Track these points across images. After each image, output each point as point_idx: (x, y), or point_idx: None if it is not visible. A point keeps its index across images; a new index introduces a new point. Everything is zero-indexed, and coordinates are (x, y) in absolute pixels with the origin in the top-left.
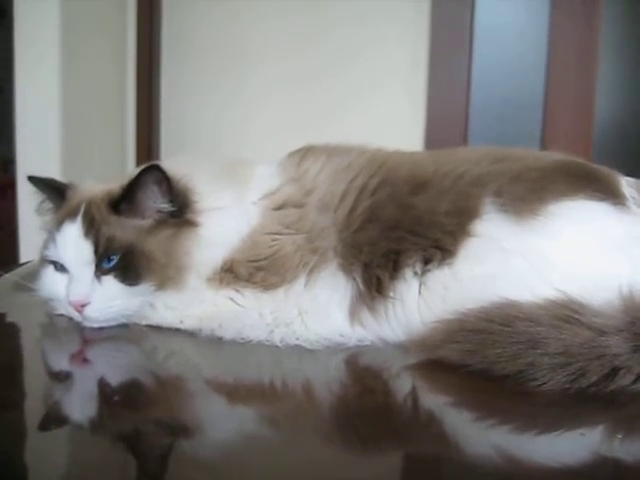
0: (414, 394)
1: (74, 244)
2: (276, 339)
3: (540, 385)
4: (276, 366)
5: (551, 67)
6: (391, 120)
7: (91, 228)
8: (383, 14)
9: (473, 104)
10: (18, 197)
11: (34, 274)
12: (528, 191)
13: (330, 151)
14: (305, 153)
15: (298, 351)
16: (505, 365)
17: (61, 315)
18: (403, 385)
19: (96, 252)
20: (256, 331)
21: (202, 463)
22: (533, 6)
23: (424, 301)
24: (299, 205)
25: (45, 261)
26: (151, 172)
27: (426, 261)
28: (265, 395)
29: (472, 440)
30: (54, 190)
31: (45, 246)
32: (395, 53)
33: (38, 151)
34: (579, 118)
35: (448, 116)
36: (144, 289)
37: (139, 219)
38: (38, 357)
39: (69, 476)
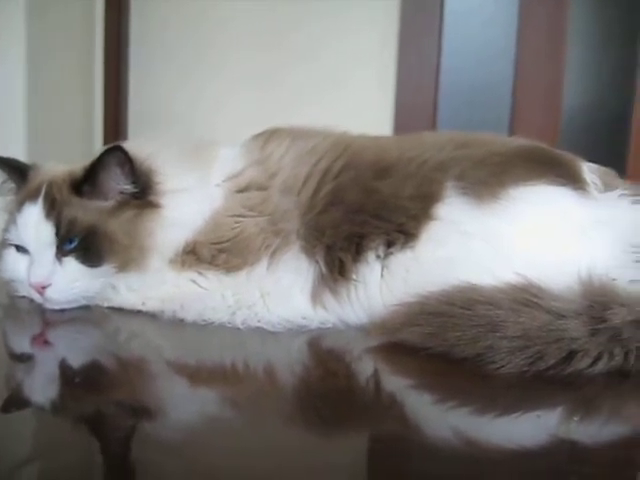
0: (376, 376)
1: (35, 226)
2: (238, 321)
3: (499, 368)
4: (238, 348)
5: (520, 53)
6: (360, 106)
7: (52, 210)
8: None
9: (442, 90)
10: None
11: None
12: (489, 175)
13: (294, 134)
14: (269, 136)
15: (260, 333)
16: (464, 348)
17: (23, 297)
18: (365, 368)
19: (57, 234)
20: (218, 313)
21: (164, 445)
22: None
23: (386, 284)
24: (262, 188)
25: (6, 243)
26: (113, 153)
27: (389, 244)
28: (227, 377)
29: (432, 422)
30: (16, 170)
31: (6, 228)
32: (365, 39)
33: (2, 136)
34: (547, 104)
35: (417, 102)
36: (106, 270)
37: (101, 200)
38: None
39: (31, 458)
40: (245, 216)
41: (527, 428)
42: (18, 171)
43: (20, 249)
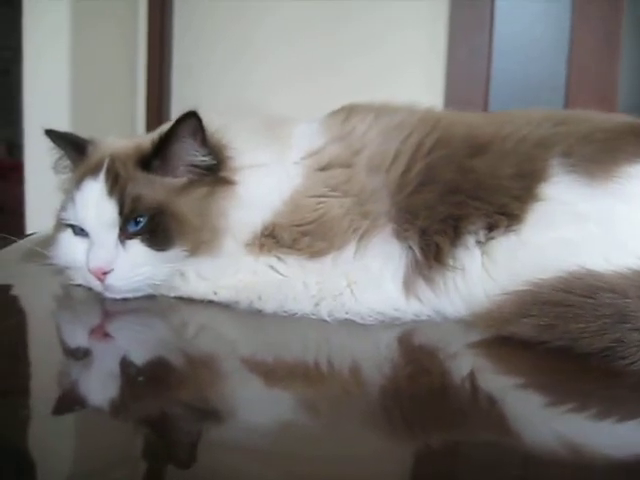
0: (476, 375)
1: (96, 204)
2: (323, 312)
3: (629, 364)
4: (321, 343)
5: (573, 49)
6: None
7: (115, 186)
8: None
9: (493, 88)
10: (25, 180)
11: (48, 241)
12: (599, 151)
13: (377, 109)
14: (349, 111)
15: (347, 326)
16: (591, 341)
17: (79, 285)
18: (463, 365)
19: (121, 213)
20: (300, 303)
21: (233, 451)
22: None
23: (488, 271)
24: (346, 165)
25: (62, 224)
26: (188, 121)
27: (490, 228)
28: (307, 376)
29: (539, 429)
30: (73, 146)
31: (62, 207)
32: (413, 37)
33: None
34: (601, 104)
35: (467, 100)
36: (174, 255)
37: (170, 177)
38: (52, 332)
39: (86, 467)
40: (328, 196)
41: None
42: (76, 146)
43: (78, 231)
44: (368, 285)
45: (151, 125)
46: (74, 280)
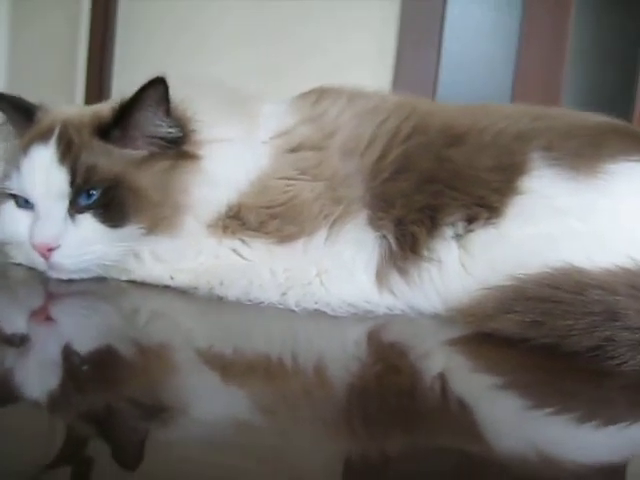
0: (450, 374)
1: (45, 172)
2: (290, 302)
3: (619, 364)
4: (286, 336)
5: (520, 66)
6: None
7: (68, 153)
8: (351, 5)
9: (439, 99)
10: None
11: None
12: (583, 146)
13: (349, 93)
14: (320, 94)
15: (315, 318)
16: (579, 339)
17: (18, 265)
18: (437, 363)
19: (72, 183)
20: (266, 292)
21: (181, 452)
22: (506, 4)
23: (465, 265)
24: (318, 148)
25: (3, 195)
26: (155, 87)
27: (469, 220)
28: (268, 373)
29: (510, 434)
30: (20, 110)
31: (4, 176)
32: (362, 41)
33: None
34: None
35: None
36: (129, 233)
37: (130, 148)
38: None
39: (16, 468)
40: (298, 179)
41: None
42: (23, 111)
43: (22, 203)
44: (339, 275)
45: (91, 85)
46: (13, 258)
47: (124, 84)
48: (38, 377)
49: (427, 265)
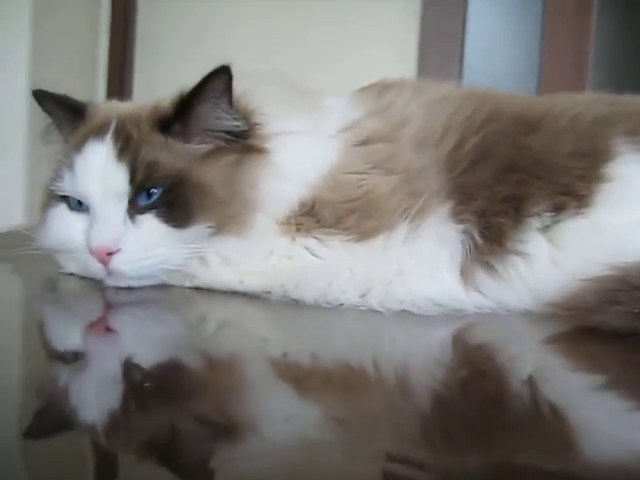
0: (544, 376)
1: (101, 170)
2: (373, 302)
3: None
4: (367, 340)
5: (543, 74)
6: None
7: (126, 149)
8: (371, 12)
9: None
10: None
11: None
12: None
13: (413, 85)
14: (382, 87)
15: (397, 319)
16: None
17: (70, 274)
18: (529, 365)
19: (132, 181)
20: (346, 293)
21: (251, 476)
22: (526, 12)
23: (555, 257)
24: (388, 140)
25: (53, 198)
26: (220, 77)
27: (555, 210)
28: (346, 383)
29: (619, 444)
30: (67, 109)
31: (54, 177)
32: (382, 53)
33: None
34: None
35: None
36: (195, 233)
37: (193, 143)
38: (36, 331)
39: None
40: (370, 173)
41: None
42: (71, 109)
43: (75, 205)
44: (422, 272)
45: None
46: (64, 268)
47: (146, 78)
48: (95, 397)
49: (515, 259)
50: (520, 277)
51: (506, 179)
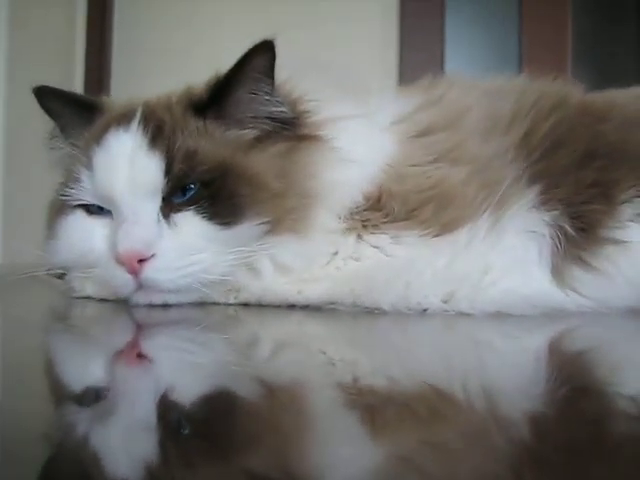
0: None
1: (128, 162)
2: (461, 305)
3: None
4: (454, 354)
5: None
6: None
7: (159, 137)
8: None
9: None
10: None
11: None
12: None
13: (462, 79)
14: (430, 82)
15: (485, 324)
16: None
17: (85, 299)
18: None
19: (168, 173)
20: (429, 296)
21: None
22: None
23: None
24: (449, 130)
25: (65, 209)
26: (263, 54)
27: None
28: (431, 411)
29: None
30: (77, 108)
31: (65, 184)
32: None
33: None
34: None
35: None
36: (245, 233)
37: (235, 128)
38: (44, 369)
39: None
40: (435, 165)
41: None
42: (81, 107)
43: (94, 210)
44: (511, 269)
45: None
46: (79, 291)
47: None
48: (122, 448)
49: (612, 250)
50: (619, 270)
51: (589, 165)
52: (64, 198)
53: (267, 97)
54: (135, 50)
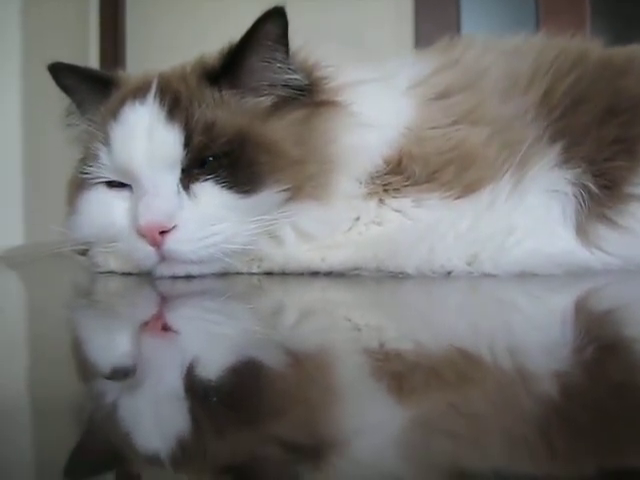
0: None
1: (146, 134)
2: (486, 266)
3: None
4: (476, 315)
5: None
6: None
7: (177, 108)
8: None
9: None
10: None
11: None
12: None
13: (479, 40)
14: (447, 43)
15: (511, 285)
16: None
17: (109, 273)
18: None
19: (187, 145)
20: (453, 258)
21: None
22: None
23: None
24: (468, 91)
25: (85, 184)
26: (274, 21)
27: None
28: (456, 375)
29: None
30: (93, 83)
31: (84, 160)
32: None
33: None
34: None
35: None
36: (266, 201)
37: (251, 96)
38: (71, 346)
39: None
40: (455, 127)
41: None
42: (98, 84)
43: (115, 184)
44: (535, 229)
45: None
46: (102, 266)
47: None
48: (152, 421)
49: (636, 207)
50: None
51: (610, 121)
52: (83, 176)
53: (280, 65)
54: (149, 31)
